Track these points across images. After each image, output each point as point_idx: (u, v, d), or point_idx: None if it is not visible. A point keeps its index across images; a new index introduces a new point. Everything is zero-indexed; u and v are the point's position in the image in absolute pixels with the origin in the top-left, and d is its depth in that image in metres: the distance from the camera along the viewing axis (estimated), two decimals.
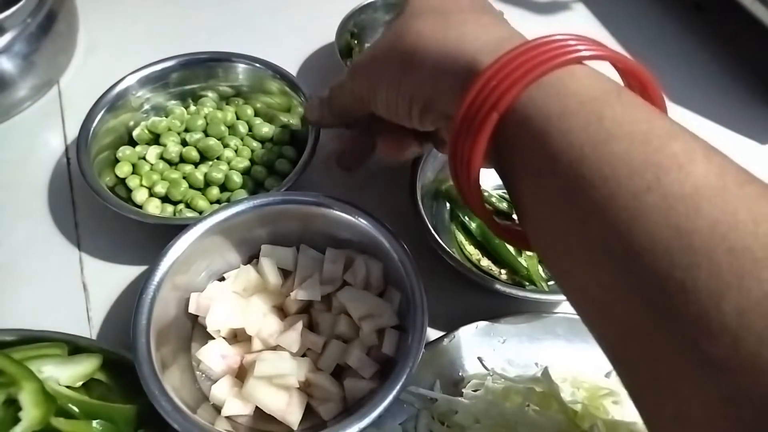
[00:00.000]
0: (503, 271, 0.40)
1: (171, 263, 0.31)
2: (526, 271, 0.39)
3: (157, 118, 0.43)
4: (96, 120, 0.39)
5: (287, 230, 0.36)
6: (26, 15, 0.43)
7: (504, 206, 0.42)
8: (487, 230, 0.39)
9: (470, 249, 0.41)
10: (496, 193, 0.43)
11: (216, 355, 0.32)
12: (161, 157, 0.41)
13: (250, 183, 0.40)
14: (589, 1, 0.61)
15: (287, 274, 0.35)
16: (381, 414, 0.28)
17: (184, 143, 0.42)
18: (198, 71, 0.44)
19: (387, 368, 0.31)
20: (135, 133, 0.42)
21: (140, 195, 0.39)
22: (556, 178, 0.21)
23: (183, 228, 0.32)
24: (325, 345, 0.32)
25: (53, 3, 0.45)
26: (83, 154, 0.37)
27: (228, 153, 0.41)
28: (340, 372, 0.32)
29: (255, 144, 0.42)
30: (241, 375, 0.32)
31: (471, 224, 0.41)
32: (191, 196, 0.39)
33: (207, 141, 0.41)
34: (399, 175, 0.40)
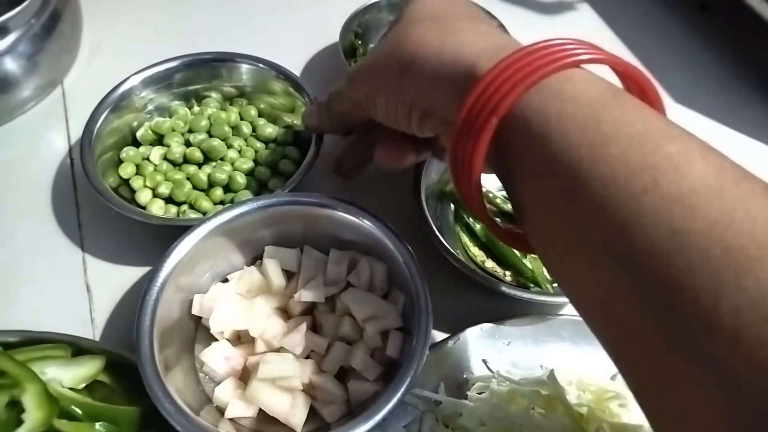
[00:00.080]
0: (508, 273, 0.40)
1: (174, 264, 0.31)
2: (531, 273, 0.39)
3: (161, 119, 0.43)
4: (100, 120, 0.39)
5: (291, 231, 0.36)
6: (30, 15, 0.43)
7: (509, 207, 0.42)
8: None
9: (475, 250, 0.41)
10: (501, 195, 0.42)
11: (219, 357, 0.32)
12: (165, 158, 0.41)
13: (254, 184, 0.40)
14: (594, 2, 0.61)
15: (291, 276, 0.35)
16: (385, 416, 0.27)
17: (188, 144, 0.42)
18: (202, 72, 0.44)
19: (391, 370, 0.31)
20: (139, 134, 0.42)
21: (144, 196, 0.39)
22: (556, 180, 0.21)
23: (187, 229, 0.32)
24: (329, 347, 0.32)
25: (57, 3, 0.45)
26: (87, 155, 0.37)
27: (232, 154, 0.41)
28: (344, 374, 0.32)
29: (259, 145, 0.42)
30: (245, 377, 0.32)
31: (475, 226, 0.41)
32: (195, 197, 0.39)
33: (211, 142, 0.41)
34: (403, 177, 0.39)
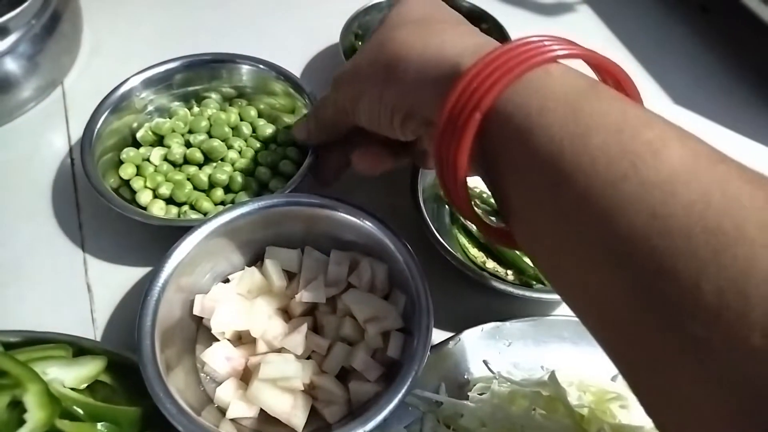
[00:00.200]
0: (509, 273, 0.40)
1: (176, 265, 0.31)
2: (533, 271, 0.39)
3: (161, 120, 0.43)
4: (100, 121, 0.39)
5: (292, 232, 0.36)
6: (31, 16, 0.43)
7: None
8: None
9: (474, 252, 0.41)
10: None
11: (221, 357, 0.32)
12: (165, 159, 0.41)
13: (255, 184, 0.40)
14: (594, 3, 0.61)
15: (292, 276, 0.35)
16: (386, 417, 0.28)
17: (188, 145, 0.42)
18: (202, 72, 0.44)
19: (392, 371, 0.31)
20: (139, 135, 0.42)
21: (144, 196, 0.39)
22: (539, 173, 0.21)
23: (187, 230, 0.32)
24: (330, 347, 0.32)
25: (58, 4, 0.45)
26: (87, 155, 0.37)
27: (232, 154, 0.41)
28: (345, 375, 0.32)
29: (259, 145, 0.42)
30: (246, 377, 0.32)
31: (472, 227, 0.41)
32: (195, 198, 0.39)
33: (211, 142, 0.41)
34: (400, 179, 0.40)
